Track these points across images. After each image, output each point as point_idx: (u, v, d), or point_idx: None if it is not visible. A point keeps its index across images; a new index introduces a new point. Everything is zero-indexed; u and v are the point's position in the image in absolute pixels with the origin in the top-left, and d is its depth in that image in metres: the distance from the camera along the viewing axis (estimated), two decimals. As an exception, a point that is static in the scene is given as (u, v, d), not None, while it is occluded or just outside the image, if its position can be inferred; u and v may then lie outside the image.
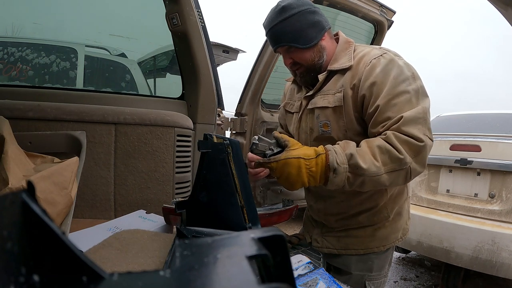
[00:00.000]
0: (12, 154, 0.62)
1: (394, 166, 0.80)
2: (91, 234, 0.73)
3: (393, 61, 0.86)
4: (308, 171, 0.80)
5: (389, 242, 1.02)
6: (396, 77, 0.83)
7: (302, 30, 0.90)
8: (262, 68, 1.86)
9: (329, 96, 0.92)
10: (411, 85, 0.83)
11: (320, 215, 1.06)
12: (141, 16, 1.66)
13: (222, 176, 0.64)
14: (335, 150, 0.81)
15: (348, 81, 0.89)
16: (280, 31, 0.90)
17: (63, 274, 0.20)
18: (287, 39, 0.91)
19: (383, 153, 0.79)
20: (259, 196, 1.99)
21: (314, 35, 0.91)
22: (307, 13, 0.90)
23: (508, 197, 1.95)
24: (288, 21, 0.89)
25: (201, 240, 0.24)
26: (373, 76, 0.84)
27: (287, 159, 0.80)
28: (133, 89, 1.69)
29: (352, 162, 0.79)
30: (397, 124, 0.80)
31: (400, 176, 0.81)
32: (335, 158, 0.80)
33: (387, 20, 2.13)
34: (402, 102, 0.81)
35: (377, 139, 0.81)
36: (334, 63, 0.94)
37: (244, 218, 0.64)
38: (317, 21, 0.91)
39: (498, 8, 0.90)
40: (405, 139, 0.79)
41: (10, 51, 1.45)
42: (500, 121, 2.50)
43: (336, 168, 0.79)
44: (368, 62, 0.86)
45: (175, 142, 1.17)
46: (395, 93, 0.82)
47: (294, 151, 0.82)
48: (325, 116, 0.93)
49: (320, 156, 0.81)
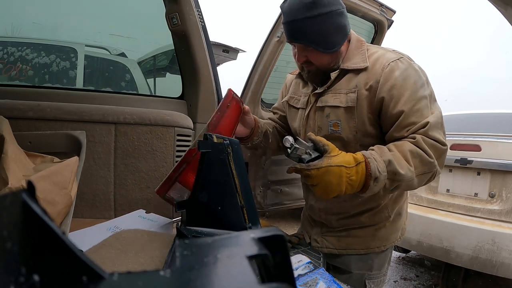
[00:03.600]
0: (12, 154, 0.62)
1: (424, 169, 0.81)
2: (91, 233, 0.73)
3: (411, 65, 0.86)
4: (348, 179, 0.77)
5: (389, 242, 1.02)
6: (416, 82, 0.84)
7: (328, 33, 0.85)
8: (262, 67, 1.86)
9: (341, 96, 0.91)
10: (426, 90, 0.85)
11: (321, 214, 1.06)
12: (141, 16, 1.66)
13: (222, 176, 0.64)
14: (374, 157, 0.79)
15: (362, 82, 0.88)
16: (304, 28, 0.84)
17: (63, 274, 0.20)
18: (310, 40, 0.86)
19: (414, 157, 0.80)
20: (259, 196, 1.99)
21: (338, 41, 0.88)
22: (337, 15, 0.85)
23: (508, 196, 1.95)
24: (316, 20, 0.83)
25: (201, 240, 0.24)
26: (392, 79, 0.84)
27: (329, 166, 0.75)
28: (133, 89, 1.69)
29: (390, 169, 0.78)
30: (424, 129, 0.81)
31: (427, 178, 0.84)
32: (376, 166, 0.77)
33: (387, 19, 2.12)
34: (422, 107, 0.83)
35: (406, 143, 0.81)
36: (346, 62, 0.92)
37: (244, 218, 0.64)
38: (343, 25, 0.88)
39: (498, 8, 0.90)
40: (432, 143, 0.81)
41: (10, 51, 1.45)
42: (500, 121, 2.50)
43: (378, 176, 0.77)
44: (386, 64, 0.86)
45: (175, 141, 1.17)
46: (417, 98, 0.83)
47: (336, 158, 0.76)
48: (336, 116, 0.92)
49: (360, 164, 0.77)
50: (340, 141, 0.91)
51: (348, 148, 0.91)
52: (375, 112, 0.88)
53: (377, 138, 0.91)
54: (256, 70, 1.88)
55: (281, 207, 2.10)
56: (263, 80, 1.91)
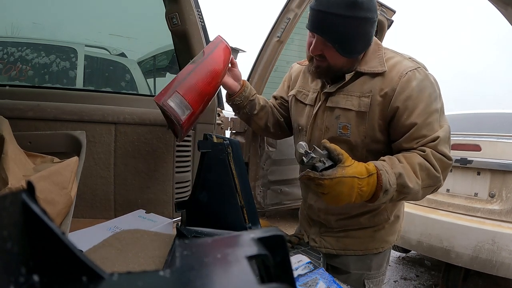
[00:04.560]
0: (12, 154, 0.62)
1: (430, 183, 0.82)
2: (91, 233, 0.73)
3: (427, 77, 0.86)
4: (359, 190, 0.76)
5: (388, 243, 1.03)
6: (431, 95, 0.84)
7: (354, 39, 0.83)
8: (262, 67, 1.86)
9: (353, 98, 0.89)
10: (438, 104, 0.86)
11: (320, 214, 1.05)
12: (141, 16, 1.66)
13: (222, 176, 0.64)
14: (386, 169, 0.78)
15: (378, 87, 0.87)
16: (335, 24, 0.80)
17: (63, 274, 0.20)
18: (335, 38, 0.82)
19: (422, 170, 0.81)
20: (259, 196, 1.99)
21: (360, 49, 0.87)
22: (370, 23, 0.83)
23: (508, 196, 1.95)
24: (349, 21, 0.80)
25: (201, 240, 0.24)
26: (409, 90, 0.83)
27: (343, 177, 0.74)
28: (133, 89, 1.69)
29: (400, 182, 0.79)
30: (434, 143, 0.82)
31: (431, 190, 0.85)
32: (387, 179, 0.77)
33: (387, 19, 2.12)
34: (434, 120, 0.84)
35: (416, 156, 0.82)
36: (363, 65, 0.90)
37: (244, 218, 0.64)
38: (370, 34, 0.86)
39: (498, 8, 0.90)
40: (440, 158, 0.82)
41: (10, 51, 1.45)
42: (500, 120, 2.50)
43: (388, 189, 0.78)
44: (404, 73, 0.84)
45: (175, 141, 1.17)
46: (430, 111, 0.83)
47: (350, 169, 0.75)
48: (346, 119, 0.90)
49: (372, 176, 0.77)
50: (347, 144, 0.90)
51: (355, 152, 0.90)
52: (386, 119, 0.87)
53: (384, 144, 0.91)
54: (256, 70, 1.88)
55: (281, 207, 2.10)
56: (263, 80, 1.91)
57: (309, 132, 0.99)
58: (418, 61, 0.91)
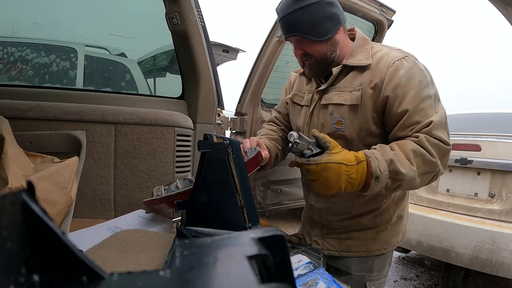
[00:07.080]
0: (12, 154, 0.62)
1: (427, 169, 0.82)
2: (91, 233, 0.73)
3: (416, 64, 0.86)
4: (348, 177, 0.78)
5: (390, 245, 1.02)
6: (421, 81, 0.84)
7: (318, 22, 0.87)
8: (262, 67, 1.86)
9: (345, 93, 0.91)
10: (431, 90, 0.85)
11: (321, 215, 1.05)
12: (141, 16, 1.66)
13: (222, 176, 0.64)
14: (375, 156, 0.79)
15: (367, 80, 0.88)
16: (295, 20, 0.87)
17: (63, 274, 0.20)
18: (301, 30, 0.88)
19: (417, 156, 0.80)
20: (259, 196, 1.99)
21: (329, 28, 0.89)
22: (325, 4, 0.87)
23: (508, 196, 1.95)
24: (305, 10, 0.85)
25: (201, 240, 0.24)
26: (397, 78, 0.84)
27: (328, 163, 0.76)
28: (133, 89, 1.69)
29: (392, 168, 0.79)
30: (428, 128, 0.81)
31: (429, 178, 0.84)
32: (377, 166, 0.78)
33: (387, 19, 2.12)
34: (427, 106, 0.83)
35: (409, 142, 0.82)
36: (350, 59, 0.92)
37: (244, 218, 0.64)
38: (334, 13, 0.89)
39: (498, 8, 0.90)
40: (435, 143, 0.81)
41: (10, 51, 1.45)
42: (500, 121, 2.50)
43: (379, 175, 0.78)
44: (391, 63, 0.86)
45: (175, 141, 1.17)
46: (421, 97, 0.83)
47: (336, 156, 0.78)
48: (340, 114, 0.92)
49: (361, 163, 0.78)
50: (343, 139, 0.91)
51: (351, 146, 0.90)
52: (379, 111, 0.88)
53: (381, 137, 0.91)
54: (256, 70, 1.88)
55: (281, 207, 2.11)
56: (263, 80, 1.91)
57: (306, 131, 1.01)
58: (407, 51, 0.91)
